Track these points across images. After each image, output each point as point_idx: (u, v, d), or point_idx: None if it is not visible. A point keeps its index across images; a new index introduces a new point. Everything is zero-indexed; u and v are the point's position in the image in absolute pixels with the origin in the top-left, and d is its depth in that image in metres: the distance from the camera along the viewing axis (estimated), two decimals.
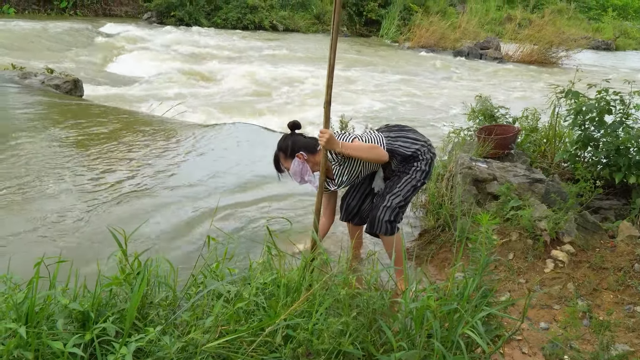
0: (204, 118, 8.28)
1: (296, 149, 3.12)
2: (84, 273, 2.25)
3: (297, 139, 3.16)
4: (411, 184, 3.15)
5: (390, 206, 3.12)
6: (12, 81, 8.25)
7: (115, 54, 13.59)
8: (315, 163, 3.13)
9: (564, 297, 2.98)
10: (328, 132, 2.86)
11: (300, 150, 3.12)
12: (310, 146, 3.14)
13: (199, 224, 4.02)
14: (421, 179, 3.17)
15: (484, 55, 19.74)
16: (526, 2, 35.27)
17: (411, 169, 3.16)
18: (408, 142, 3.18)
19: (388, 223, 3.13)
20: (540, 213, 3.50)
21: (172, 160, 5.42)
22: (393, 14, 23.74)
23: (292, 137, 3.17)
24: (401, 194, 3.14)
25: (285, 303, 2.09)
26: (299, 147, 3.12)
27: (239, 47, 16.95)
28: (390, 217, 3.13)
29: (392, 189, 3.17)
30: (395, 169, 3.23)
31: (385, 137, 3.17)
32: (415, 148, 3.16)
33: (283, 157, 3.19)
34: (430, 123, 8.74)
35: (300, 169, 3.13)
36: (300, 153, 3.11)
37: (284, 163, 3.20)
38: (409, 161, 3.17)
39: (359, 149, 2.99)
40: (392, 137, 3.19)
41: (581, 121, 4.47)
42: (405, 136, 3.21)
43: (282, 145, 3.18)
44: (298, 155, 3.12)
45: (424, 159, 3.16)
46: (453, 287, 2.27)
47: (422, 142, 3.20)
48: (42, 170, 4.80)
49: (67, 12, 21.04)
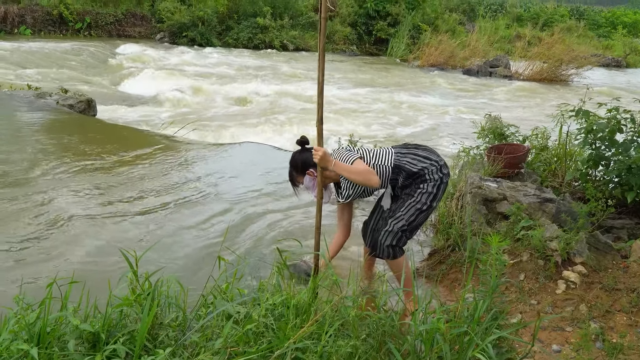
0: (215, 137, 8.35)
1: (306, 166, 3.24)
2: (94, 293, 2.26)
3: (307, 156, 3.22)
4: (415, 207, 3.14)
5: (392, 230, 3.13)
6: (28, 101, 8.39)
7: (128, 74, 13.77)
8: (326, 177, 3.17)
9: (576, 319, 2.95)
10: (321, 150, 2.91)
11: (310, 168, 3.22)
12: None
13: (210, 244, 4.04)
14: (427, 202, 3.13)
15: (494, 73, 19.75)
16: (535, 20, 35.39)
17: (416, 191, 3.16)
18: (416, 159, 3.19)
19: (390, 247, 3.14)
20: (551, 233, 3.48)
21: (181, 180, 5.46)
22: (402, 32, 23.89)
23: (301, 155, 3.28)
24: (404, 218, 3.14)
25: (295, 325, 2.09)
26: (308, 164, 3.22)
27: (249, 65, 17.12)
28: (392, 241, 3.13)
29: (395, 212, 3.18)
30: (402, 186, 3.23)
31: (396, 153, 3.22)
32: (423, 166, 3.16)
33: (295, 174, 3.34)
34: (439, 142, 8.75)
35: (312, 184, 3.23)
36: (311, 170, 3.22)
37: (298, 178, 3.34)
38: (415, 181, 3.16)
39: (348, 171, 3.06)
40: (402, 153, 3.22)
41: (592, 140, 4.45)
42: (416, 153, 3.22)
43: (294, 163, 3.32)
44: (308, 173, 3.24)
45: (431, 179, 3.14)
46: (463, 309, 2.26)
47: (432, 161, 3.18)
48: (56, 190, 4.86)
49: (82, 33, 21.41)
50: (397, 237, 3.13)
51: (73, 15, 21.13)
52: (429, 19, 25.90)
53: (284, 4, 25.52)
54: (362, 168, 3.08)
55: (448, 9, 30.54)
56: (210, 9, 23.06)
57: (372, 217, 3.52)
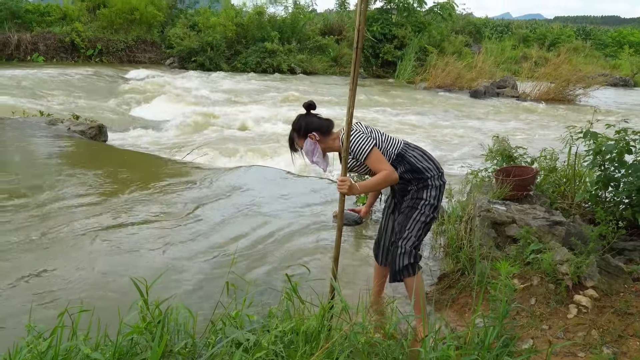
0: (224, 161, 8.41)
1: (309, 129, 3.16)
2: (104, 320, 2.28)
3: (312, 119, 3.18)
4: (420, 220, 3.16)
5: (404, 252, 3.14)
6: (40, 127, 8.53)
7: (138, 99, 13.97)
8: (326, 146, 3.18)
9: (589, 344, 2.92)
10: (348, 181, 2.91)
11: (313, 131, 3.15)
12: (323, 128, 3.18)
13: (219, 269, 4.05)
14: (430, 214, 3.18)
15: (501, 94, 19.81)
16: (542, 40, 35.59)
17: (419, 202, 3.17)
18: (423, 156, 3.22)
19: (409, 267, 3.14)
20: (561, 256, 3.46)
21: (190, 205, 5.50)
22: (409, 55, 24.09)
23: (306, 118, 3.20)
24: (412, 235, 3.16)
25: (304, 352, 2.09)
26: (312, 127, 3.16)
27: (258, 90, 17.30)
28: (408, 260, 3.14)
29: (401, 232, 3.18)
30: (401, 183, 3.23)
31: (404, 144, 3.23)
32: (427, 166, 3.18)
33: (297, 137, 3.23)
34: (447, 164, 8.76)
35: (313, 149, 3.17)
36: (313, 134, 3.15)
37: (298, 142, 3.25)
38: (416, 181, 3.18)
39: (374, 186, 3.07)
40: (410, 147, 3.24)
41: (601, 161, 4.45)
42: (423, 152, 3.26)
43: (296, 125, 3.22)
44: (310, 136, 3.15)
45: (433, 185, 3.17)
46: (473, 335, 2.25)
47: (434, 165, 3.22)
48: (66, 216, 4.91)
49: (93, 59, 21.81)
50: (412, 255, 3.15)
51: (85, 42, 21.57)
52: (435, 41, 26.12)
53: (291, 29, 25.90)
54: (382, 177, 3.03)
55: (454, 30, 30.81)
56: (219, 34, 23.44)
57: (383, 235, 3.50)
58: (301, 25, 26.58)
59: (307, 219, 5.28)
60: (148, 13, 23.37)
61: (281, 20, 26.25)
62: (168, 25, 24.95)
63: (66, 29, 21.76)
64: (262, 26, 25.10)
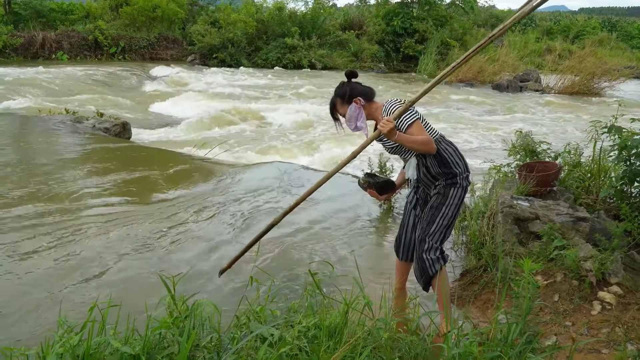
0: (246, 157, 8.48)
1: (354, 95, 3.16)
2: (133, 316, 2.34)
3: (355, 86, 3.20)
4: (447, 217, 3.17)
5: (432, 247, 3.15)
6: (65, 125, 8.71)
7: (161, 96, 14.14)
8: (369, 112, 3.18)
9: (613, 341, 2.89)
10: (392, 123, 2.88)
11: (357, 96, 3.16)
12: (367, 94, 3.19)
13: (244, 265, 4.10)
14: (455, 211, 3.19)
15: (524, 87, 19.56)
16: (566, 33, 34.97)
17: (446, 200, 3.16)
18: (456, 153, 3.21)
19: (436, 261, 3.15)
20: (585, 253, 3.43)
21: (213, 201, 5.57)
22: (430, 49, 23.91)
23: (349, 84, 3.21)
24: (438, 232, 3.16)
25: (328, 347, 2.12)
26: (357, 93, 3.17)
27: (279, 85, 17.38)
28: (435, 255, 3.15)
29: (428, 228, 3.17)
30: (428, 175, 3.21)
31: (441, 136, 3.22)
32: (456, 161, 3.18)
33: (340, 103, 3.23)
34: (469, 159, 8.67)
35: (357, 114, 3.17)
36: (358, 98, 3.15)
37: (340, 109, 3.24)
38: (444, 176, 3.16)
39: (412, 142, 3.00)
40: (445, 140, 3.23)
41: (626, 156, 4.38)
42: (456, 149, 3.25)
43: (340, 91, 3.21)
44: (355, 101, 3.15)
45: (461, 186, 3.17)
46: (496, 332, 2.26)
47: (464, 164, 3.22)
48: (92, 214, 5.01)
49: (116, 57, 22.15)
50: (439, 250, 3.17)
51: (108, 40, 21.90)
52: (457, 34, 25.87)
53: (311, 24, 25.93)
54: (424, 138, 3.02)
55: (476, 24, 30.48)
56: (240, 30, 23.59)
57: (404, 231, 3.49)
58: (321, 20, 26.59)
59: (336, 217, 5.29)
60: (169, 10, 23.63)
61: (301, 15, 26.30)
62: (189, 22, 25.22)
63: (89, 27, 22.14)
64: (283, 22, 25.19)
